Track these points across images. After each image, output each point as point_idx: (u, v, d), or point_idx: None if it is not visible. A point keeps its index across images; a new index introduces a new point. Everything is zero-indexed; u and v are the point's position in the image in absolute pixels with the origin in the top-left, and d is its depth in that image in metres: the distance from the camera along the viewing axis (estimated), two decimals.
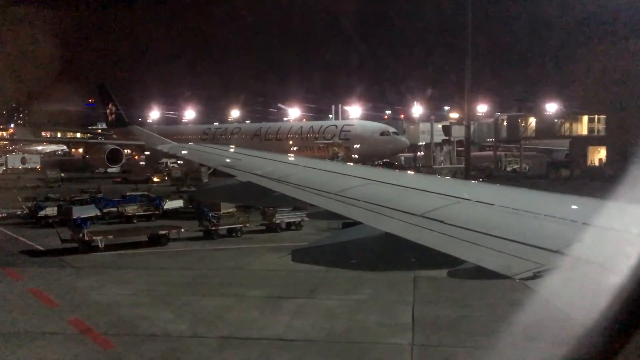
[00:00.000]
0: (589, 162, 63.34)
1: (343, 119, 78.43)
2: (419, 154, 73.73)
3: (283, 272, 22.07)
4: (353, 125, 63.66)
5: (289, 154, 32.68)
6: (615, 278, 3.05)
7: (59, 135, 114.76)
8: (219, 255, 26.38)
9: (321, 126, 65.53)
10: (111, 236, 27.68)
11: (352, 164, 44.29)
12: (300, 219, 31.53)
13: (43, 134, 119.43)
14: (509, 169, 69.09)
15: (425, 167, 65.41)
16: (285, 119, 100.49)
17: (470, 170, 55.83)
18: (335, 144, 59.06)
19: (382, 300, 18.36)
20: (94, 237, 26.63)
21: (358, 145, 57.83)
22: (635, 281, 2.92)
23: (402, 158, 73.41)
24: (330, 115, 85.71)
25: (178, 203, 37.58)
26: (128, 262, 24.99)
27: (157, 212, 35.81)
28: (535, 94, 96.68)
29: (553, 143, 73.06)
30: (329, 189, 6.22)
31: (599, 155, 62.57)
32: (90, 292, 20.30)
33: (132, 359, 14.43)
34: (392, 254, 4.82)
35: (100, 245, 26.45)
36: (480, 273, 3.83)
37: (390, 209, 5.15)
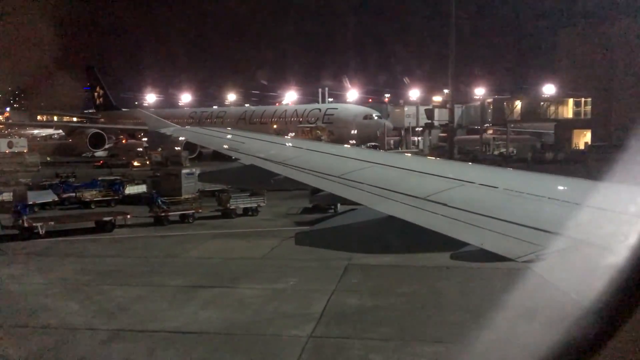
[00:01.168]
0: (574, 146, 65.53)
1: (341, 101, 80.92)
2: (416, 138, 76.03)
3: (216, 259, 23.06)
4: (336, 108, 67.35)
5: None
6: (616, 259, 3.25)
7: (55, 119, 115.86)
8: (159, 243, 26.84)
9: (305, 110, 69.30)
10: (52, 222, 28.08)
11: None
12: (256, 205, 32.75)
13: (40, 117, 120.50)
14: (496, 152, 70.66)
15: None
16: (284, 102, 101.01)
17: (453, 154, 57.81)
18: (319, 127, 61.33)
19: (303, 289, 19.02)
20: (34, 224, 27.15)
21: (341, 129, 59.69)
22: (635, 261, 3.11)
23: (392, 141, 74.89)
24: (331, 99, 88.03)
25: (141, 188, 38.43)
26: (63, 249, 25.27)
27: (116, 197, 36.75)
28: (525, 77, 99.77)
29: (545, 126, 74.64)
30: (332, 171, 6.52)
31: (584, 138, 64.75)
32: (8, 280, 20.73)
33: (10, 353, 14.64)
34: (395, 236, 5.05)
35: (40, 232, 26.90)
36: (483, 256, 4.08)
37: (393, 192, 5.45)
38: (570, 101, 66.19)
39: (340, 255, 22.22)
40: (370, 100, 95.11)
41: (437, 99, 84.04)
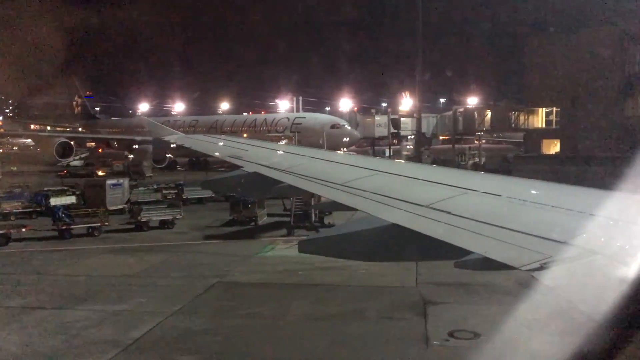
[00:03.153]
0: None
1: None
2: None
3: (82, 277, 22.41)
4: (304, 117, 67.66)
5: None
6: (621, 269, 3.32)
7: (48, 128, 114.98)
8: (46, 258, 26.03)
9: (274, 119, 70.23)
10: None
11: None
12: (171, 217, 32.42)
13: (33, 127, 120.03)
14: (471, 162, 70.21)
15: None
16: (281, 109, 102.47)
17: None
18: (286, 137, 61.30)
19: (141, 311, 18.15)
20: None
21: (309, 138, 60.05)
22: None
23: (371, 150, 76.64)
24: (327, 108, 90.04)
25: (70, 199, 37.14)
26: None
27: (38, 209, 35.61)
28: (497, 87, 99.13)
29: (518, 136, 74.38)
30: (336, 179, 6.57)
31: (555, 148, 63.80)
32: None
33: None
34: (399, 244, 5.07)
35: None
36: (487, 264, 4.06)
37: (396, 200, 5.48)
38: (541, 111, 65.61)
39: (218, 273, 22.40)
40: (339, 109, 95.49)
41: (405, 108, 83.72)
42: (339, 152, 42.29)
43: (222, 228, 32.94)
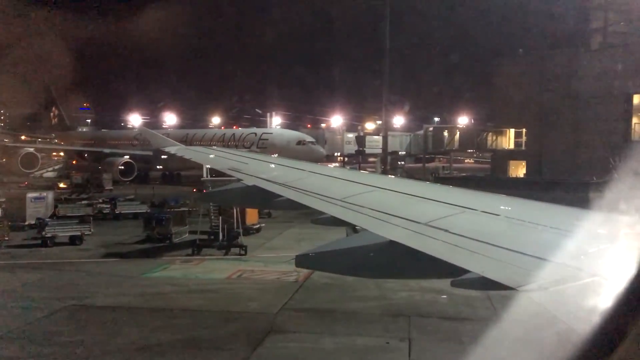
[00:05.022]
0: (511, 176, 66.19)
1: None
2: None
3: None
4: (271, 133, 68.15)
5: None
6: (619, 291, 3.26)
7: (39, 140, 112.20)
8: None
9: (242, 134, 70.18)
10: None
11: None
12: (79, 233, 31.74)
13: (24, 138, 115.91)
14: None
15: None
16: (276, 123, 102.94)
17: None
18: (252, 152, 61.68)
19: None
20: None
21: (274, 153, 60.50)
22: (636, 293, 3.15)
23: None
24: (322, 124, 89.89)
25: None
26: None
27: None
28: (467, 106, 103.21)
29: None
30: (334, 195, 6.58)
31: (523, 169, 65.62)
32: None
33: None
34: (396, 261, 5.09)
35: None
36: (484, 283, 4.07)
37: (395, 217, 5.51)
38: (511, 131, 66.95)
39: (81, 295, 21.64)
40: (309, 126, 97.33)
41: (370, 126, 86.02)
42: (339, 167, 42.44)
43: (134, 245, 32.04)
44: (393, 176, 48.18)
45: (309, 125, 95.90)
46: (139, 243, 32.45)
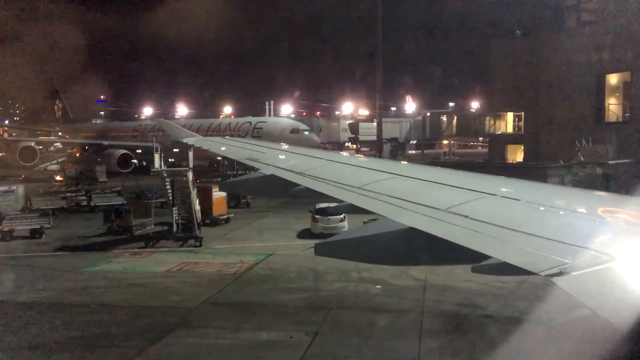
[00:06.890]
0: (511, 161, 63.89)
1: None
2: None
3: None
4: (265, 122, 67.71)
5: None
6: None
7: (38, 132, 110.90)
8: None
9: (237, 123, 69.58)
10: None
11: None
12: (39, 226, 31.39)
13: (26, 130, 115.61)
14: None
15: None
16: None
17: None
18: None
19: None
20: None
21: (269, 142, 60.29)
22: None
23: None
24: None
25: None
26: None
27: None
28: (466, 91, 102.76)
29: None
30: (353, 182, 6.48)
31: (521, 154, 63.73)
32: None
33: None
34: (416, 248, 5.02)
35: None
36: (505, 269, 3.99)
37: (413, 204, 5.43)
38: (509, 115, 65.85)
39: (9, 290, 21.45)
40: (304, 114, 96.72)
41: (364, 112, 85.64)
42: (357, 155, 41.90)
43: (93, 238, 31.64)
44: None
45: (303, 113, 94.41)
46: (100, 236, 31.92)
